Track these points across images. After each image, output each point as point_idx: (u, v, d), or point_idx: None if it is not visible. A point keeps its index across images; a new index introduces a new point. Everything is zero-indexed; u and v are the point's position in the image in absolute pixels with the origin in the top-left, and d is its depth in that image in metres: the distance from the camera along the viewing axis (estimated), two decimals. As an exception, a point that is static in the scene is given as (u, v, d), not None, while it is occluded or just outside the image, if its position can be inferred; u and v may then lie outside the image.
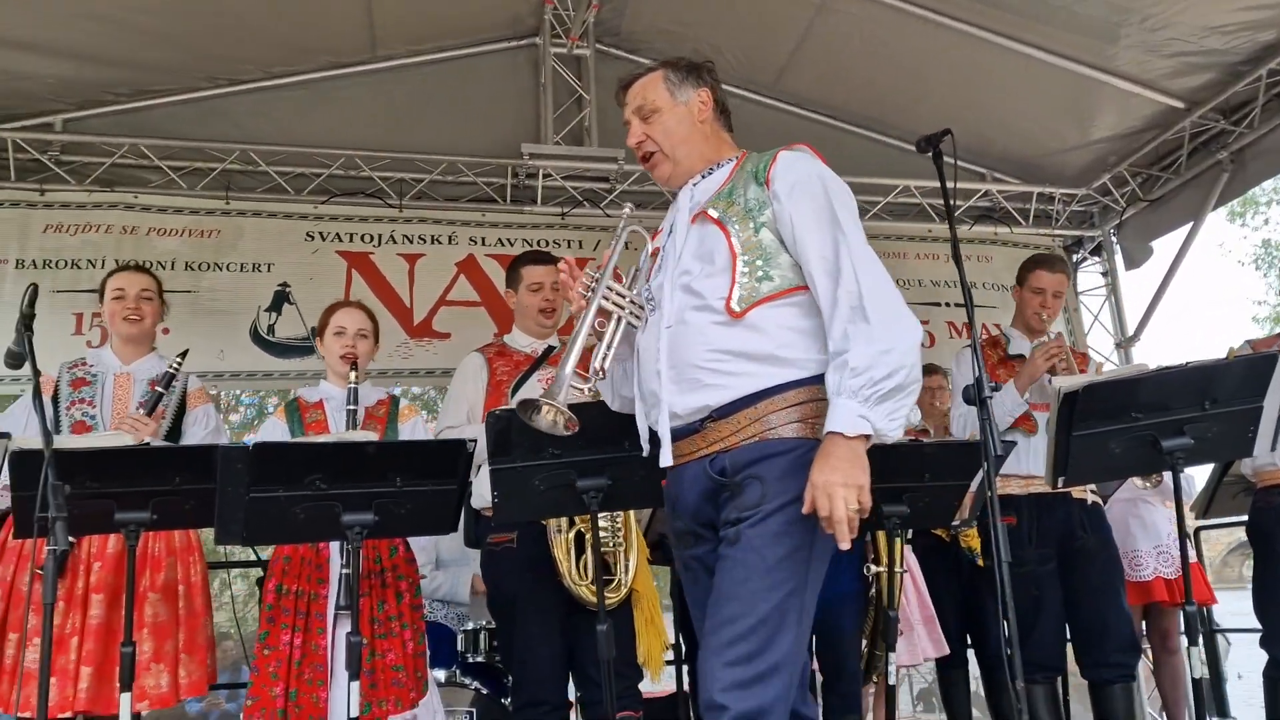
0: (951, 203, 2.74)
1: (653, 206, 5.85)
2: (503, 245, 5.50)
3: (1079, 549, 3.38)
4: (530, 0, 5.56)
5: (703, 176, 2.14)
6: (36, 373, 2.39)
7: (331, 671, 2.74)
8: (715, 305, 1.94)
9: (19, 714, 2.60)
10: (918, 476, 2.71)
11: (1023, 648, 3.33)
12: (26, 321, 2.41)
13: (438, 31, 5.52)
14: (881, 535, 3.50)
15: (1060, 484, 2.67)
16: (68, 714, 2.66)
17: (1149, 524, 4.48)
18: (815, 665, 3.41)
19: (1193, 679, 2.64)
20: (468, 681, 3.44)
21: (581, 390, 1.96)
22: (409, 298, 5.25)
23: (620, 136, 5.87)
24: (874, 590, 3.59)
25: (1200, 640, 2.63)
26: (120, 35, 4.75)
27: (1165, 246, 5.99)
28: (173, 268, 4.94)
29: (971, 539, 4.12)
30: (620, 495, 2.54)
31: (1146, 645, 4.90)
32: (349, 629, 2.42)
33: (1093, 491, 3.52)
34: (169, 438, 3.02)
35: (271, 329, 5.05)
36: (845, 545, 1.75)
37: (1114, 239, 6.25)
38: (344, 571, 2.69)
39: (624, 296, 2.11)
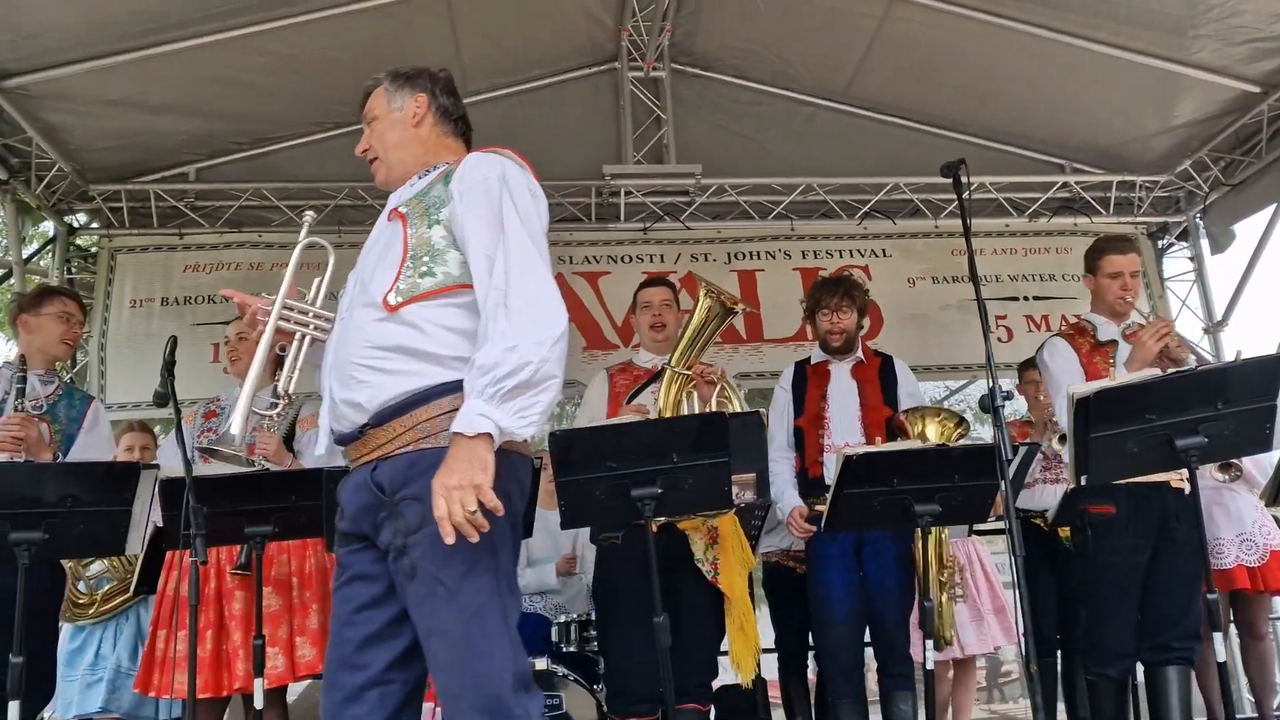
0: (968, 221, 2.93)
1: (731, 216, 6.15)
2: (589, 262, 5.87)
3: (1169, 538, 3.35)
4: (608, 27, 5.89)
5: (419, 178, 2.10)
6: (178, 412, 2.85)
7: None
8: (376, 300, 1.91)
9: (168, 697, 3.10)
10: (948, 477, 2.93)
11: (1101, 636, 3.48)
12: (169, 368, 2.88)
13: (522, 64, 5.93)
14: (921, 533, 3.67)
15: (1083, 482, 2.85)
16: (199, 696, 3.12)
17: (1233, 511, 4.48)
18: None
19: (1218, 664, 2.79)
20: (558, 669, 3.80)
21: (272, 417, 2.01)
22: (503, 316, 5.66)
23: (698, 152, 6.17)
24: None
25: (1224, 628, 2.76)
26: (241, 93, 5.32)
27: (1254, 229, 5.95)
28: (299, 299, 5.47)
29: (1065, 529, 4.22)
30: (671, 502, 2.85)
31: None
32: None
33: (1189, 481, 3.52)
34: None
35: (380, 352, 5.54)
36: (473, 538, 1.71)
37: (1199, 223, 6.20)
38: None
39: (306, 313, 2.09)
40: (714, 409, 3.33)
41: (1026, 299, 6.03)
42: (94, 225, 5.75)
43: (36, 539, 2.52)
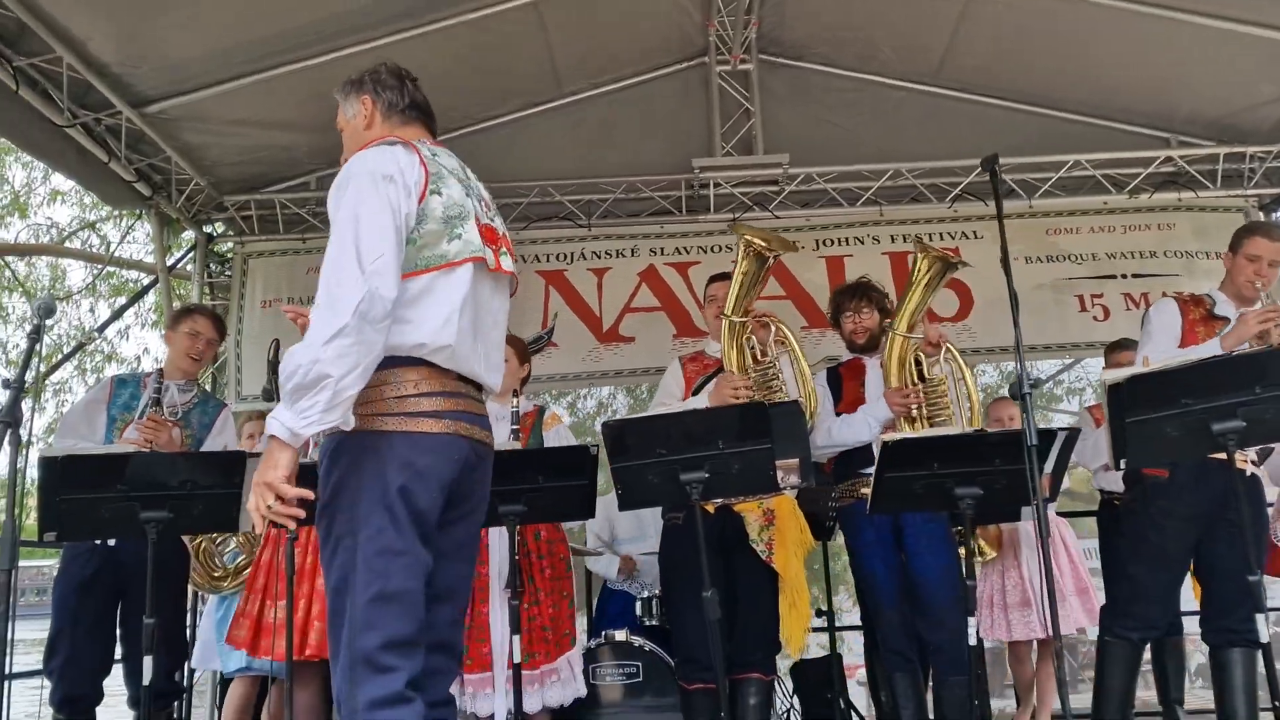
0: (1001, 212, 3.00)
1: (820, 204, 6.24)
2: (680, 254, 6.08)
3: (1230, 519, 3.30)
4: (696, 21, 6.06)
5: None
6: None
7: (492, 630, 3.44)
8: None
9: (270, 658, 3.50)
10: (988, 462, 3.02)
11: (1133, 601, 3.55)
12: (272, 368, 3.25)
13: (614, 63, 6.15)
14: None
15: (1122, 465, 2.91)
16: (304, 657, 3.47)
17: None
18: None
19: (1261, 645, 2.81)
20: (637, 641, 4.07)
21: None
22: (598, 307, 5.95)
23: (788, 141, 6.27)
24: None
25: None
26: (353, 106, 5.73)
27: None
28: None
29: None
30: (717, 486, 3.06)
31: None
32: (510, 596, 3.11)
33: (1253, 463, 3.48)
34: None
35: (482, 344, 5.92)
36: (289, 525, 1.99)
37: (1316, 193, 5.93)
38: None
39: None
40: (772, 350, 3.61)
41: (1124, 277, 5.90)
42: (229, 233, 6.30)
43: (162, 517, 2.93)
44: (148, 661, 2.90)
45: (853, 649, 6.71)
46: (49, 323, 3.55)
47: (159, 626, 3.46)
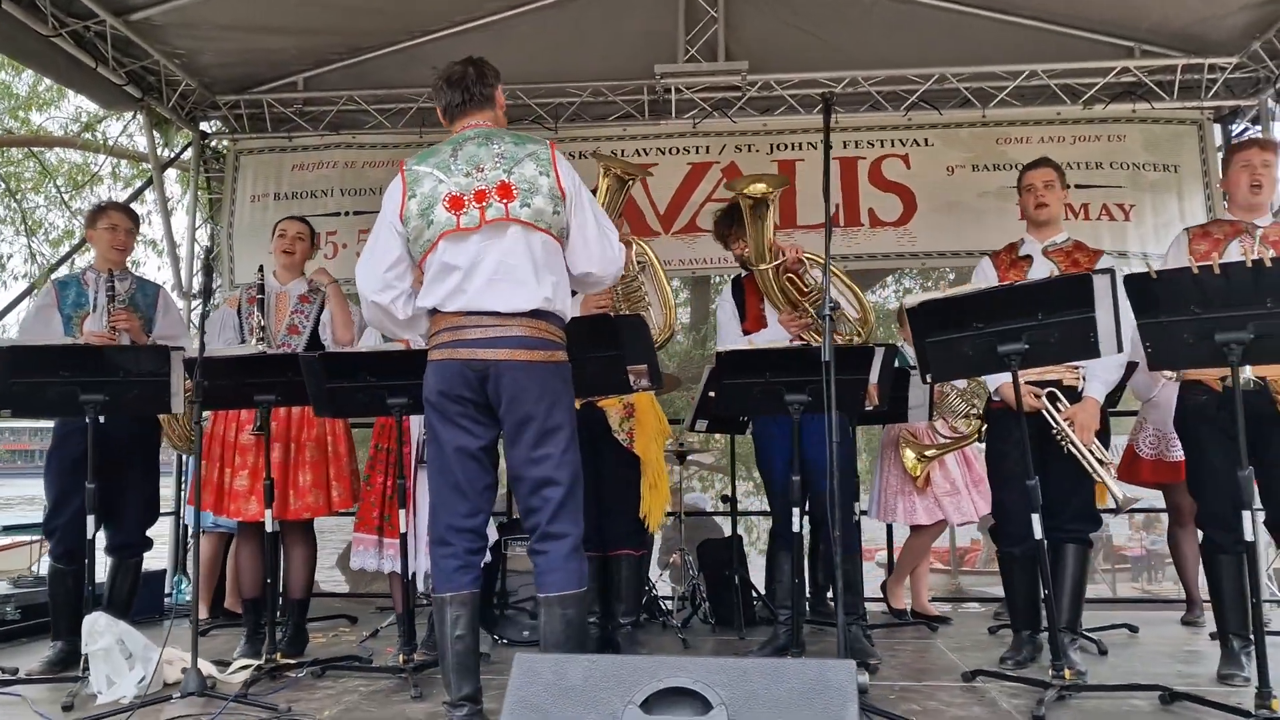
0: (829, 150, 3.24)
1: (779, 111, 6.42)
2: (639, 155, 6.34)
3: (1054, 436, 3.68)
4: (670, -73, 6.15)
5: None
6: (205, 303, 3.68)
7: (414, 501, 3.89)
8: None
9: (230, 518, 4.07)
10: (815, 372, 3.36)
11: (1001, 519, 3.94)
12: (207, 270, 3.70)
13: (587, -34, 6.30)
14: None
15: (928, 380, 3.25)
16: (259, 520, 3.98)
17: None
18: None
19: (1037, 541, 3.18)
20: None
21: None
22: (557, 207, 6.27)
23: (754, 47, 6.41)
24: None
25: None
26: (336, 12, 5.98)
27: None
28: (380, 193, 6.27)
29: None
30: (579, 387, 3.44)
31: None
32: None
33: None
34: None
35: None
36: None
37: (1272, 106, 5.94)
38: (423, 435, 3.78)
39: None
40: (633, 266, 4.00)
41: (1073, 187, 6.01)
42: (224, 130, 6.72)
43: (99, 400, 3.45)
44: (90, 520, 3.46)
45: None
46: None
47: (141, 490, 4.05)
